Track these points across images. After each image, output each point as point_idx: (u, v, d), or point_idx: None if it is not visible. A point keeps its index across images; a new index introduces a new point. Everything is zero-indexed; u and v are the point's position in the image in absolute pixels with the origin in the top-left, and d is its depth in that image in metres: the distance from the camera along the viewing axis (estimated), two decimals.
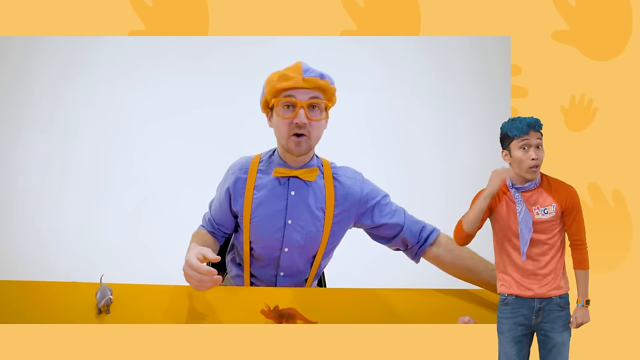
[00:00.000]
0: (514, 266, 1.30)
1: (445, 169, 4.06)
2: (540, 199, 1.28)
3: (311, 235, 1.35)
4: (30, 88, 3.86)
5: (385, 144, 4.09)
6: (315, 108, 1.30)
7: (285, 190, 1.34)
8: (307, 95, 1.28)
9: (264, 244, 1.37)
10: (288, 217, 1.33)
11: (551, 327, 1.28)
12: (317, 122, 1.31)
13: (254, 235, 1.37)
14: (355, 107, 4.05)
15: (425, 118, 4.12)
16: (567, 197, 1.28)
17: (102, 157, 3.93)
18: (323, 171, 1.38)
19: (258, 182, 1.35)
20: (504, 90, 2.97)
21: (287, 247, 1.36)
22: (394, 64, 4.16)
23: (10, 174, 3.85)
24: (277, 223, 1.34)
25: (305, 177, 1.33)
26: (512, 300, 1.30)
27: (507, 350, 1.30)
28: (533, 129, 1.27)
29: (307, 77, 1.26)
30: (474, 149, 4.02)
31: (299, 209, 1.34)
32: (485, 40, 3.84)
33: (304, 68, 1.29)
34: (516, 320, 1.30)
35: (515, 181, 1.30)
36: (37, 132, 3.88)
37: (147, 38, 4.09)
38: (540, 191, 1.29)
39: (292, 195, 1.33)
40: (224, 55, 3.96)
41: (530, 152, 1.26)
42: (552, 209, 1.28)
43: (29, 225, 3.63)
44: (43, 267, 3.06)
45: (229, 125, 2.96)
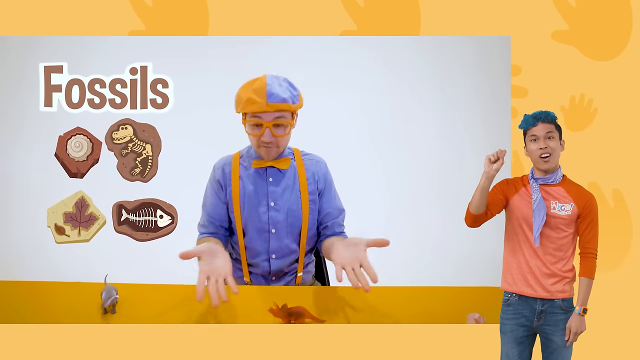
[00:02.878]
0: (521, 261, 1.29)
1: (445, 168, 4.05)
2: (560, 195, 1.30)
3: (292, 213, 1.52)
4: (31, 87, 3.85)
5: (384, 142, 4.09)
6: (279, 126, 1.46)
7: (265, 178, 1.52)
8: (271, 116, 1.43)
9: (255, 227, 1.51)
10: (270, 200, 1.51)
11: (553, 330, 1.27)
12: (281, 137, 1.47)
13: (245, 220, 1.52)
14: (354, 106, 4.05)
15: (425, 118, 4.11)
16: (587, 202, 1.29)
17: (101, 156, 3.92)
18: (295, 158, 1.57)
19: (241, 174, 1.53)
20: (504, 90, 2.97)
21: (273, 228, 1.51)
22: (394, 64, 4.15)
23: (9, 174, 3.84)
24: (262, 207, 1.51)
25: (280, 166, 1.52)
26: (515, 301, 1.30)
27: (509, 350, 1.30)
28: (540, 120, 1.30)
29: (271, 103, 1.41)
30: (474, 149, 4.01)
31: (278, 193, 1.52)
32: (486, 40, 3.83)
33: (268, 93, 1.41)
34: (518, 322, 1.29)
35: (535, 173, 1.33)
36: (37, 132, 3.87)
37: (147, 38, 4.10)
38: (560, 189, 1.31)
39: (271, 181, 1.52)
40: (223, 55, 3.96)
41: (539, 142, 1.29)
42: (570, 208, 1.28)
43: (29, 225, 3.63)
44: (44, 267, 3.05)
45: (229, 125, 2.96)
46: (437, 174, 4.07)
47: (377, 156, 4.07)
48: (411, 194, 4.03)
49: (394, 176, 4.09)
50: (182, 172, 3.73)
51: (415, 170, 4.07)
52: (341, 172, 4.51)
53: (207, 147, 3.27)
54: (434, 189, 3.97)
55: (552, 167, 1.30)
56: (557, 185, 1.31)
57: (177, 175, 3.72)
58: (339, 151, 4.08)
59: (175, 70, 3.96)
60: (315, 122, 4.08)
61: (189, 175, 3.74)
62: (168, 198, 3.75)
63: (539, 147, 1.29)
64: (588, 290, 1.27)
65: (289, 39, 3.88)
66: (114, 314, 1.31)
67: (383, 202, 4.01)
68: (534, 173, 1.33)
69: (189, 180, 3.68)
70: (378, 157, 4.08)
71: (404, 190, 4.08)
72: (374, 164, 4.09)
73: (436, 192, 3.96)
